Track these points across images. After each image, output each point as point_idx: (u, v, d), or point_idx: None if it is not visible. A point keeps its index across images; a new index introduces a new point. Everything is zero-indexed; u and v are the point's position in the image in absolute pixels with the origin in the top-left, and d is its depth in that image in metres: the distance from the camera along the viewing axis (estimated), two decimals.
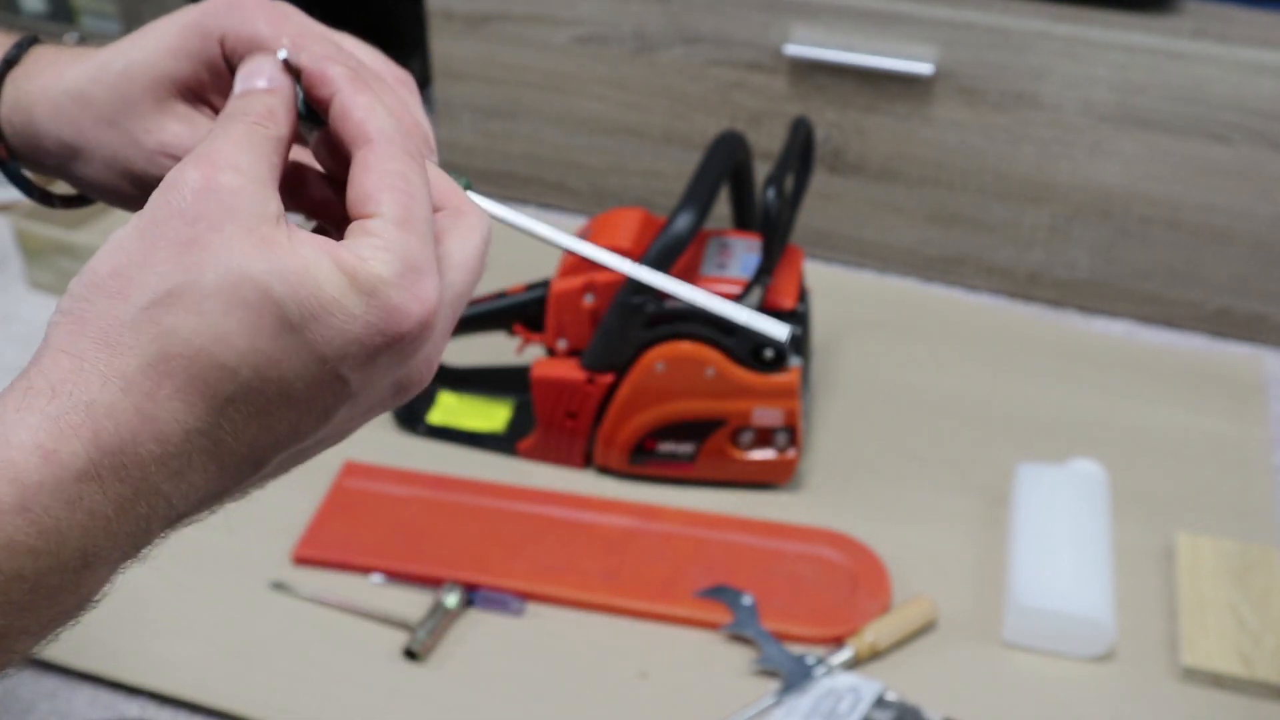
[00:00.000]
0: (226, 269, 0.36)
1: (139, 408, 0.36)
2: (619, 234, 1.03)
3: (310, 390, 0.38)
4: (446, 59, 1.42)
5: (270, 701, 0.90)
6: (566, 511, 1.05)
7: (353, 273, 0.38)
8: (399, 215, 0.39)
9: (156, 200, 0.38)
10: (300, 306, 0.37)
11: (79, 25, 1.66)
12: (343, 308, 0.37)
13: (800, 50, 1.27)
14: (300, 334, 0.37)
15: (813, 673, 0.90)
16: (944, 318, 1.31)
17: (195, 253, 0.37)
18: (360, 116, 0.42)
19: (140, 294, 0.37)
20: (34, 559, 0.35)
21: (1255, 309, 1.26)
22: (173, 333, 0.36)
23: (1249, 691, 0.91)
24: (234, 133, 0.40)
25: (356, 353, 0.38)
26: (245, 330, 0.37)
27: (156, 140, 0.50)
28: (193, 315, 0.36)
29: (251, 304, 0.36)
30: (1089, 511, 1.00)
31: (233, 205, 0.38)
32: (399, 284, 0.38)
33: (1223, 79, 1.16)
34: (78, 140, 0.51)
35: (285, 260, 0.37)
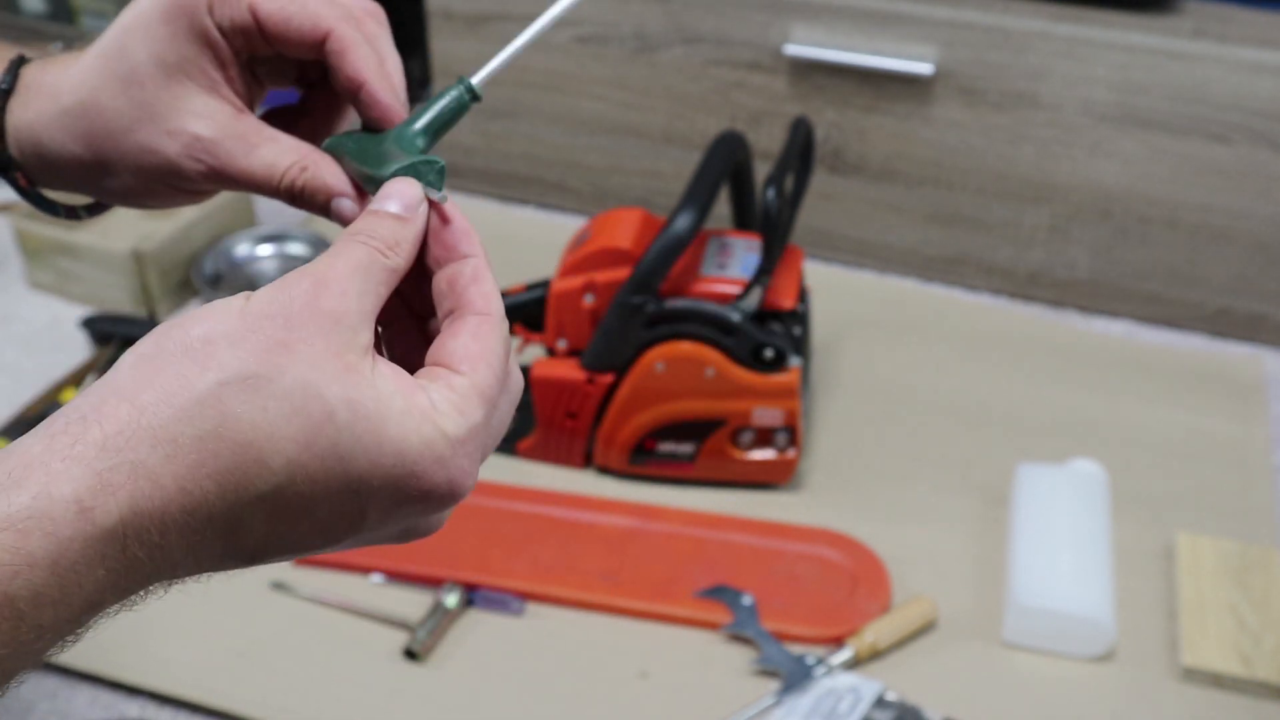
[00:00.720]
0: (304, 380, 0.38)
1: (178, 478, 0.37)
2: (619, 234, 1.03)
3: (332, 516, 0.39)
4: (446, 59, 1.42)
5: (270, 701, 0.90)
6: (566, 511, 1.05)
7: (421, 419, 0.39)
8: (485, 390, 0.42)
9: (268, 294, 0.39)
10: (356, 439, 0.38)
11: (79, 25, 1.66)
12: (396, 453, 0.39)
13: (800, 50, 1.27)
14: (346, 463, 0.38)
15: (813, 673, 0.90)
16: (944, 318, 1.31)
17: (282, 354, 0.38)
18: (487, 291, 0.44)
19: (219, 370, 0.38)
20: (53, 610, 0.36)
21: (1255, 309, 1.26)
22: (234, 417, 0.37)
23: (1249, 691, 0.91)
24: (354, 256, 0.41)
25: (387, 497, 0.39)
26: (298, 440, 0.38)
27: (182, 143, 0.49)
28: (257, 409, 0.37)
29: (314, 419, 0.38)
30: (1089, 511, 1.00)
31: (330, 328, 0.39)
32: (455, 451, 0.40)
33: (1223, 79, 1.16)
34: (97, 156, 0.51)
35: (360, 390, 0.39)
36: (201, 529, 0.38)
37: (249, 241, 1.35)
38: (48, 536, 0.35)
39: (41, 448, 0.36)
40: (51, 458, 0.36)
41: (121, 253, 1.24)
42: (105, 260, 1.26)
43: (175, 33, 0.48)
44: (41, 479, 0.35)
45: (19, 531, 0.35)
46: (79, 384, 1.18)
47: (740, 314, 1.00)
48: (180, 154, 0.49)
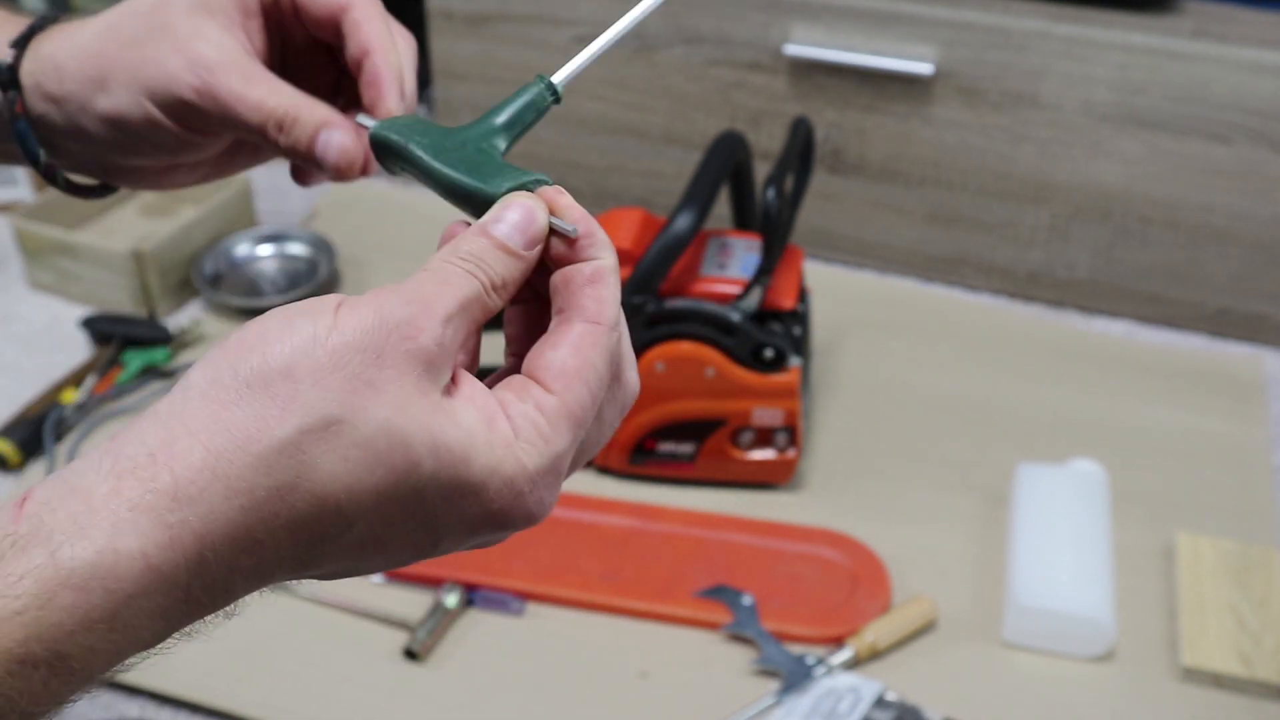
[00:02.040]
0: (389, 426, 0.36)
1: (251, 530, 0.35)
2: (619, 234, 1.04)
3: (405, 547, 0.39)
4: (446, 59, 1.42)
5: (270, 701, 0.90)
6: (566, 511, 1.05)
7: (504, 453, 0.38)
8: (575, 412, 0.39)
9: (358, 320, 0.37)
10: (439, 486, 0.37)
11: None
12: (477, 494, 0.37)
13: (800, 50, 1.27)
14: (426, 507, 0.37)
15: (813, 673, 0.90)
16: (944, 318, 1.31)
17: (368, 395, 0.36)
18: (603, 296, 0.41)
19: (301, 414, 0.35)
20: (106, 660, 0.35)
21: (1255, 309, 1.26)
22: (313, 467, 0.36)
23: (1249, 691, 0.91)
24: (461, 289, 0.39)
25: (464, 531, 0.39)
26: (380, 490, 0.36)
27: (185, 61, 0.50)
28: (338, 459, 0.36)
29: (397, 470, 0.36)
30: (1089, 511, 1.00)
31: (421, 370, 0.37)
32: (535, 484, 0.39)
33: (1223, 79, 1.16)
34: (101, 68, 0.51)
35: (446, 432, 0.37)
36: (270, 571, 0.37)
37: (249, 241, 1.35)
38: (109, 594, 0.33)
39: (107, 489, 0.34)
40: (120, 504, 0.34)
41: (121, 253, 1.24)
42: (105, 260, 1.26)
43: None
44: (107, 530, 0.33)
45: (79, 589, 0.33)
46: (79, 384, 1.18)
47: (740, 314, 1.00)
48: (182, 68, 0.50)
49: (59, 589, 0.33)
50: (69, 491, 0.34)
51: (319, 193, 1.49)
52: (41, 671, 0.33)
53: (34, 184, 1.46)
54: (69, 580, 0.33)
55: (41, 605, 0.32)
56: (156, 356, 1.21)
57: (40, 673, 0.33)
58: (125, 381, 1.18)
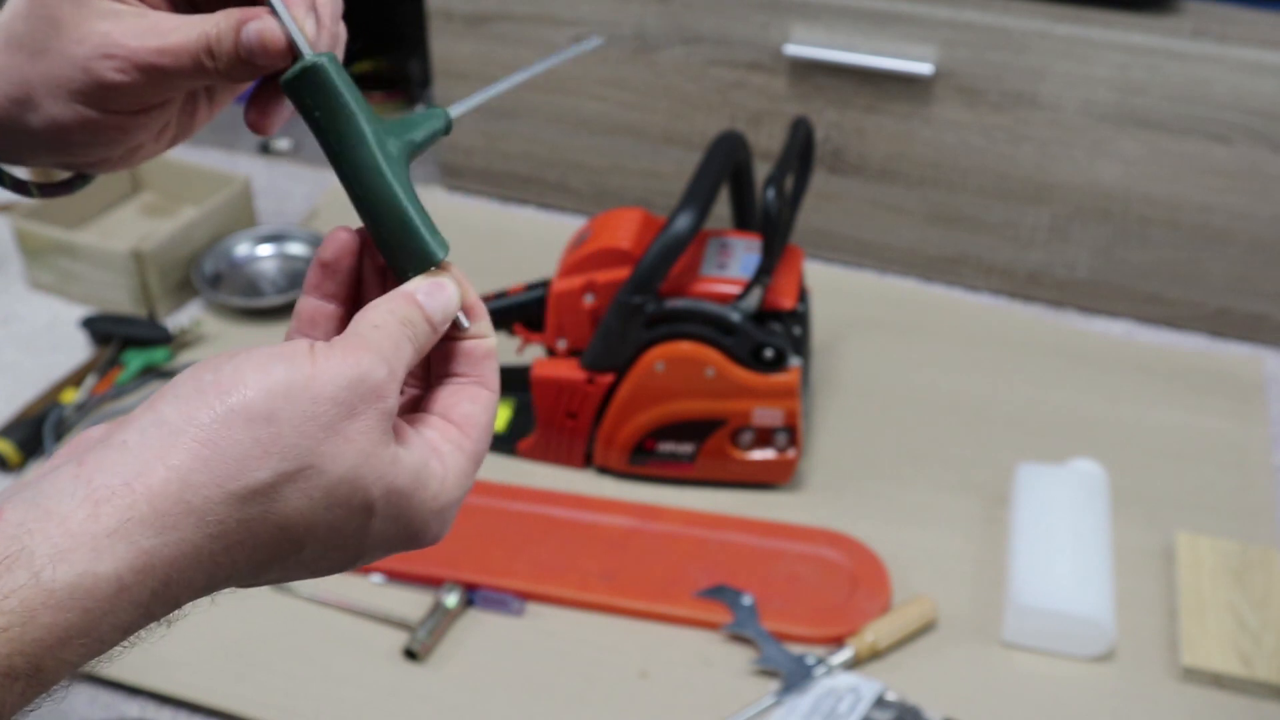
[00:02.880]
0: (354, 475, 0.40)
1: (214, 555, 0.39)
2: (619, 234, 1.03)
3: (334, 563, 0.43)
4: (446, 59, 1.42)
5: (270, 701, 0.90)
6: (566, 511, 1.05)
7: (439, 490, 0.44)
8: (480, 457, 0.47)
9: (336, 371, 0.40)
10: (383, 521, 0.42)
11: None
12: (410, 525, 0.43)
13: (800, 50, 1.27)
14: (365, 535, 0.42)
15: (813, 673, 0.90)
16: (944, 318, 1.31)
17: (340, 444, 0.40)
18: (495, 370, 0.48)
19: (280, 457, 0.39)
20: (73, 668, 0.37)
21: (1255, 309, 1.26)
22: (281, 501, 0.39)
23: (1249, 691, 0.91)
24: (408, 355, 0.44)
25: (386, 549, 0.44)
26: (334, 525, 0.41)
27: (92, 45, 0.47)
28: (305, 498, 0.40)
29: (354, 510, 0.41)
30: (1089, 511, 1.00)
31: (383, 423, 0.42)
32: (452, 510, 0.46)
33: (1223, 79, 1.16)
34: (21, 89, 0.49)
35: (399, 478, 0.42)
36: (219, 585, 0.40)
37: (249, 241, 1.35)
38: (86, 613, 0.36)
39: (84, 515, 0.37)
40: (99, 530, 0.36)
41: (121, 253, 1.24)
42: (105, 260, 1.26)
43: None
44: (88, 555, 0.36)
45: (59, 608, 0.36)
46: (79, 384, 1.18)
47: (740, 314, 1.00)
48: (92, 55, 0.47)
49: (41, 608, 0.35)
50: (44, 515, 0.37)
51: (319, 193, 1.49)
52: (20, 683, 0.35)
53: None
54: (50, 600, 0.35)
55: (24, 623, 0.35)
56: (156, 356, 1.21)
57: (19, 684, 0.35)
58: (125, 381, 1.18)
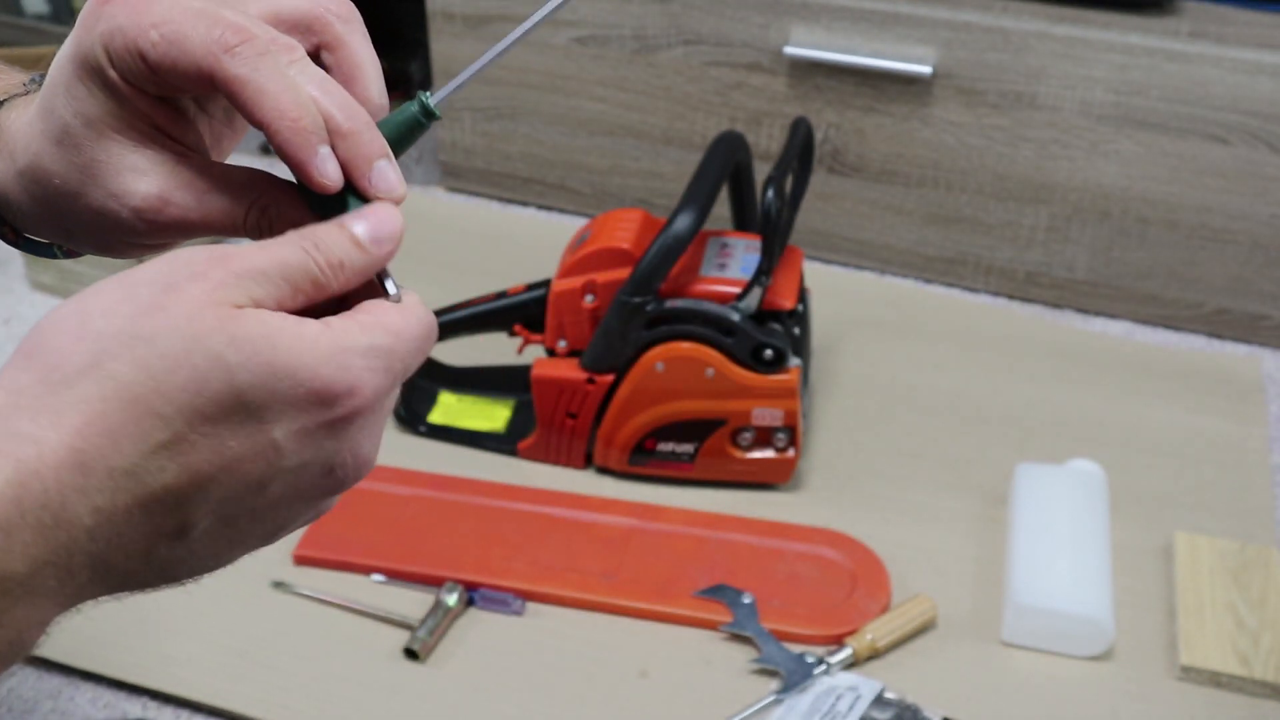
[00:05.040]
0: (183, 334, 0.37)
1: (64, 439, 0.36)
2: (619, 234, 1.04)
3: (244, 450, 0.38)
4: (446, 59, 1.42)
5: (270, 701, 0.90)
6: (566, 511, 1.05)
7: (317, 335, 0.39)
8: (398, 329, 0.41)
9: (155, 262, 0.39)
10: (250, 373, 0.38)
11: None
12: (288, 368, 0.38)
13: (800, 51, 1.27)
14: (242, 394, 0.38)
15: (812, 672, 0.91)
16: (944, 318, 1.31)
17: (158, 315, 0.37)
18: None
19: (94, 341, 0.37)
20: None
21: (1254, 309, 1.26)
22: (115, 379, 0.37)
23: (1247, 691, 0.91)
24: (282, 255, 0.40)
25: (291, 418, 0.39)
26: (188, 388, 0.37)
27: (129, 206, 0.46)
28: (139, 369, 0.37)
29: (200, 367, 0.37)
30: (1088, 511, 1.00)
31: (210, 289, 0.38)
32: (350, 355, 0.39)
33: (1221, 79, 1.16)
34: (56, 219, 0.49)
35: (245, 327, 0.38)
36: (105, 488, 0.37)
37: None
38: None
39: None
40: None
41: None
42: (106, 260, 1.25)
43: (91, 89, 0.45)
44: None
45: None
46: None
47: (740, 314, 1.00)
48: (130, 217, 0.46)
49: None
50: None
51: None
52: None
53: None
54: None
55: None
56: None
57: None
58: None
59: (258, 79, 0.42)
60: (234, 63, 0.41)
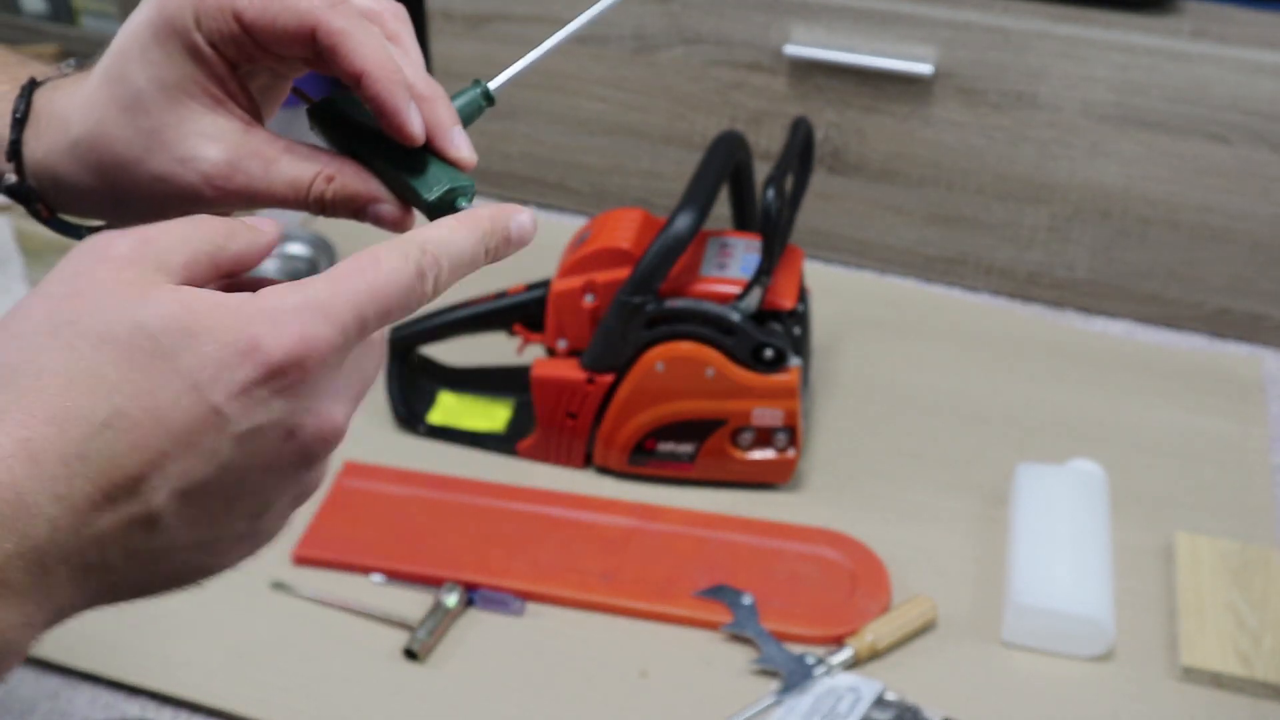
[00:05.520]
0: (103, 311, 0.37)
1: (10, 434, 0.36)
2: (619, 234, 1.04)
3: (187, 419, 0.38)
4: (446, 59, 1.42)
5: (270, 701, 0.90)
6: (566, 511, 1.05)
7: (240, 302, 0.38)
8: (335, 275, 0.40)
9: (60, 262, 0.39)
10: (174, 339, 0.37)
11: (79, 25, 1.66)
12: (212, 330, 0.38)
13: (800, 50, 1.27)
14: (171, 360, 0.37)
15: (812, 672, 0.90)
16: (944, 318, 1.31)
17: (74, 301, 0.38)
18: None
19: (20, 339, 0.37)
20: None
21: (1255, 309, 1.26)
22: (45, 368, 0.37)
23: (1248, 691, 0.91)
24: (174, 223, 0.40)
25: (227, 380, 0.38)
26: (117, 361, 0.37)
27: (197, 170, 0.47)
28: (65, 351, 0.37)
29: (122, 338, 0.37)
30: (1089, 511, 1.00)
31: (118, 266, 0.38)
32: (281, 311, 0.38)
33: (1222, 79, 1.16)
34: (112, 188, 0.48)
35: (164, 298, 0.38)
36: (58, 474, 0.36)
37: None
38: None
39: None
40: None
41: None
42: None
43: (170, 53, 0.46)
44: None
45: None
46: None
47: (740, 314, 1.00)
48: (196, 182, 0.47)
49: None
50: None
51: None
52: None
53: None
54: None
55: None
56: None
57: None
58: None
59: (358, 33, 0.44)
60: (336, 16, 0.44)
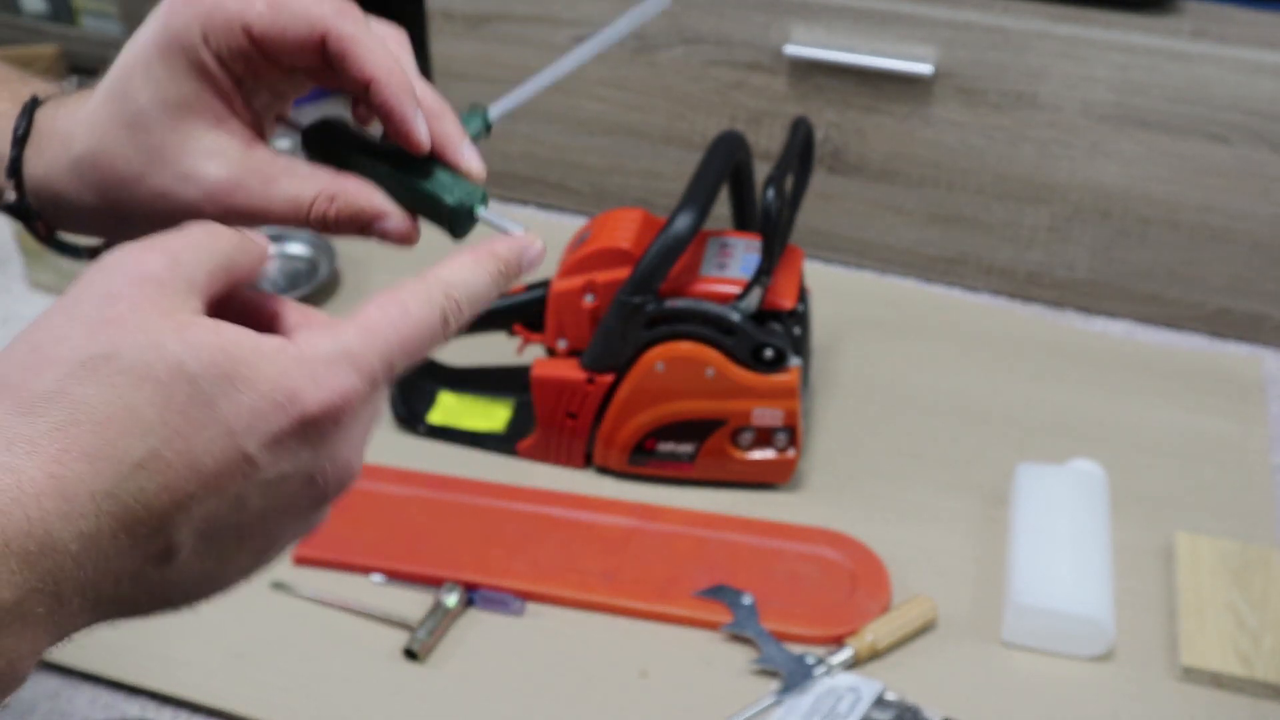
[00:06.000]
0: (142, 346, 0.37)
1: (43, 466, 0.36)
2: (619, 234, 1.04)
3: (219, 465, 0.38)
4: (446, 59, 1.42)
5: (270, 701, 0.90)
6: (566, 511, 1.05)
7: (279, 347, 0.39)
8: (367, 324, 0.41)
9: (87, 276, 0.39)
10: (213, 381, 0.37)
11: (79, 25, 1.66)
12: (251, 379, 0.38)
13: (800, 50, 1.27)
14: (209, 406, 0.38)
15: (812, 672, 0.90)
16: (944, 318, 1.31)
17: (113, 330, 0.37)
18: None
19: (54, 367, 0.37)
20: None
21: (1255, 309, 1.26)
22: (83, 402, 0.37)
23: (1248, 691, 0.91)
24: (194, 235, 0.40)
25: (262, 429, 0.38)
26: (155, 401, 0.37)
27: (199, 188, 0.47)
28: (105, 387, 0.37)
29: (162, 378, 0.37)
30: (1089, 511, 1.00)
31: (153, 290, 0.38)
32: (316, 363, 0.39)
33: (1222, 79, 1.16)
34: (112, 205, 0.49)
35: (204, 337, 0.38)
36: (88, 513, 0.36)
37: None
38: None
39: None
40: None
41: None
42: None
43: (174, 70, 0.46)
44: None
45: None
46: None
47: (740, 314, 1.00)
48: (197, 199, 0.47)
49: None
50: None
51: None
52: None
53: None
54: None
55: None
56: None
57: None
58: None
59: (367, 39, 0.45)
60: (346, 23, 0.45)
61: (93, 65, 1.67)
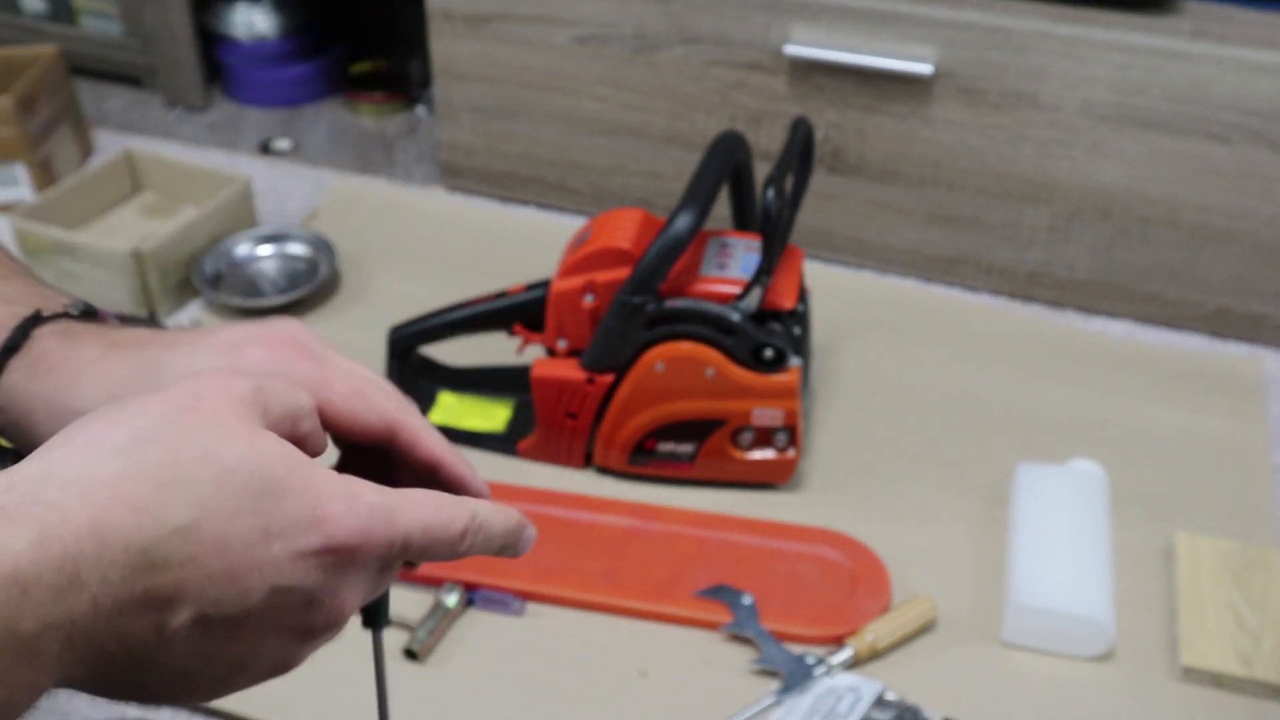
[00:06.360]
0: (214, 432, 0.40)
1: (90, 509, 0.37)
2: (619, 234, 1.04)
3: (243, 555, 0.40)
4: (446, 59, 1.42)
5: (270, 701, 0.90)
6: (566, 511, 1.05)
7: (339, 478, 0.42)
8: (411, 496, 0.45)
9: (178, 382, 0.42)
10: (266, 480, 0.40)
11: (79, 25, 1.65)
12: (300, 492, 0.41)
13: (800, 50, 1.27)
14: (257, 501, 0.40)
15: (812, 672, 0.90)
16: (944, 318, 1.31)
17: (189, 415, 0.40)
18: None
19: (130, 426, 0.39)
20: None
21: (1255, 309, 1.26)
22: (149, 460, 0.39)
23: (1248, 691, 0.91)
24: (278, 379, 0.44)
25: (293, 537, 0.41)
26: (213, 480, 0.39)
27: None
28: (170, 454, 0.39)
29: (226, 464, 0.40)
30: (1089, 511, 1.00)
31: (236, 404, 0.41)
32: (359, 506, 0.42)
33: (1222, 79, 1.16)
34: None
35: (271, 444, 0.41)
36: (117, 560, 0.37)
37: (249, 241, 1.35)
38: None
39: None
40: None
41: (121, 253, 1.24)
42: (105, 260, 1.26)
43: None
44: None
45: None
46: None
47: (740, 314, 1.00)
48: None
49: None
50: None
51: (319, 193, 1.49)
52: None
53: (34, 184, 1.46)
54: None
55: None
56: None
57: None
58: None
59: (426, 429, 0.51)
60: (410, 417, 0.50)
61: (93, 65, 1.67)
